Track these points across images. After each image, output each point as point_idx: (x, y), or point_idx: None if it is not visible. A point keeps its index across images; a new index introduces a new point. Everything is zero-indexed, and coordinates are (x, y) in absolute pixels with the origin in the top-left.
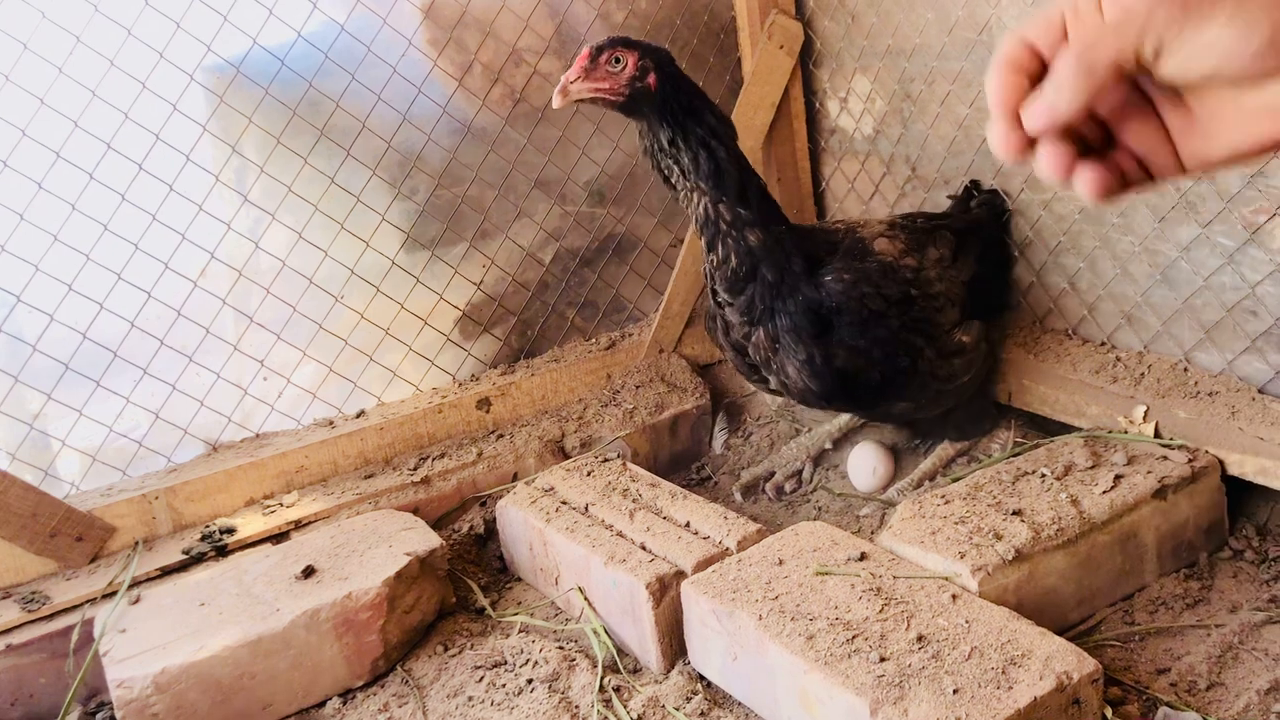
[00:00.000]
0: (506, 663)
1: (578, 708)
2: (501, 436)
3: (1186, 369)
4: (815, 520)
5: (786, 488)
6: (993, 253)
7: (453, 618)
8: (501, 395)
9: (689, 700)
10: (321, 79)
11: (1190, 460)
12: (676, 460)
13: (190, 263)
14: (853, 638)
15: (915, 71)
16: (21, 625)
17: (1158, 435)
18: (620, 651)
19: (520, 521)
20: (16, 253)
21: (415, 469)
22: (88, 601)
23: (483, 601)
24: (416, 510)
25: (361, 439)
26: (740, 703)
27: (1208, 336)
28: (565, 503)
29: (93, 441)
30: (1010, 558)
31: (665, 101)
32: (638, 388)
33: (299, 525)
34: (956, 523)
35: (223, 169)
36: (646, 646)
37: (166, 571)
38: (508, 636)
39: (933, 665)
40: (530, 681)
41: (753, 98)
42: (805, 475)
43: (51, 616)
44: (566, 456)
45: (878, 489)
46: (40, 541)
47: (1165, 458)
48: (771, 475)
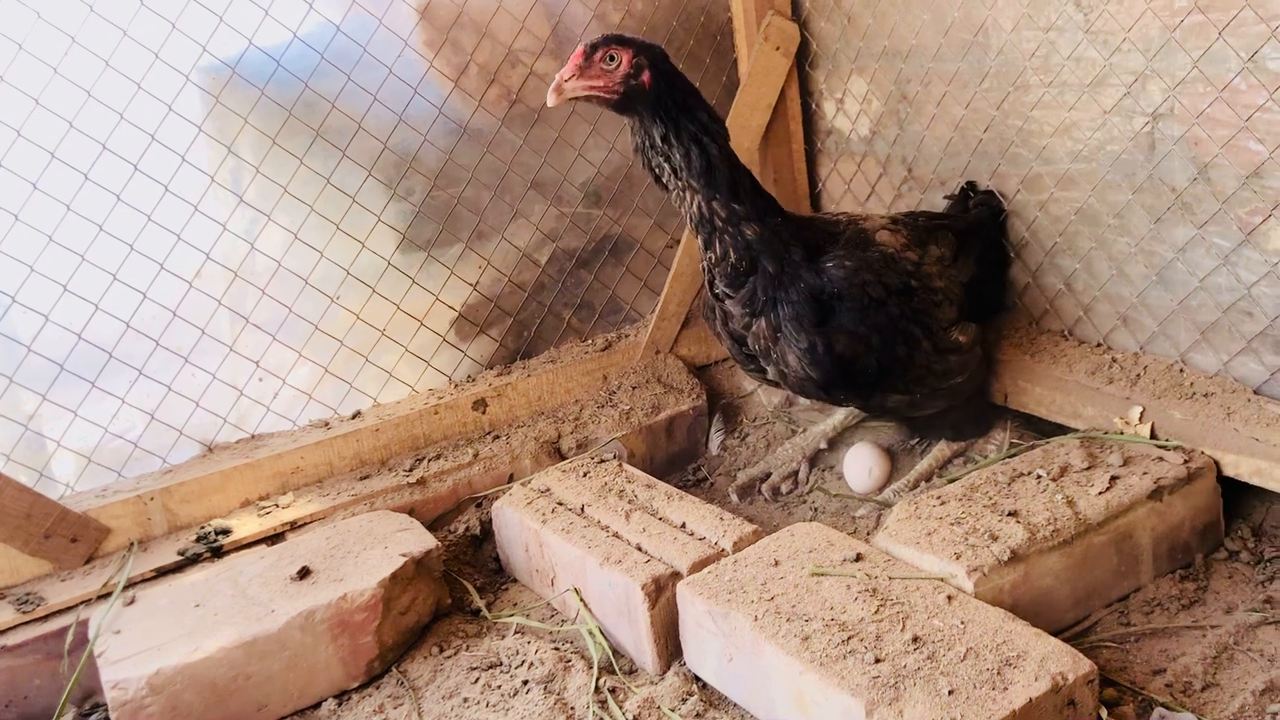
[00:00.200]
0: (502, 664)
1: (573, 709)
2: (497, 437)
3: (1182, 370)
4: (811, 521)
5: (783, 488)
6: (990, 254)
7: (448, 619)
8: (498, 396)
9: (684, 701)
10: (317, 80)
11: (1186, 461)
12: (673, 461)
13: (186, 263)
14: (848, 639)
15: (911, 73)
16: (16, 626)
17: (1153, 436)
18: (616, 652)
19: (516, 523)
20: (11, 253)
21: (411, 470)
22: (82, 603)
23: (478, 603)
24: (412, 511)
25: (357, 440)
26: (736, 704)
27: (1203, 337)
28: (561, 504)
29: (88, 442)
30: (1006, 559)
31: (659, 98)
32: (634, 389)
33: (294, 526)
34: (952, 524)
35: (218, 170)
36: (642, 647)
37: (162, 572)
38: (503, 638)
39: (928, 666)
40: (526, 683)
41: (749, 99)
42: (801, 476)
43: (46, 618)
44: (563, 457)
45: (874, 490)
46: (35, 543)
47: (1161, 459)
48: (768, 476)
